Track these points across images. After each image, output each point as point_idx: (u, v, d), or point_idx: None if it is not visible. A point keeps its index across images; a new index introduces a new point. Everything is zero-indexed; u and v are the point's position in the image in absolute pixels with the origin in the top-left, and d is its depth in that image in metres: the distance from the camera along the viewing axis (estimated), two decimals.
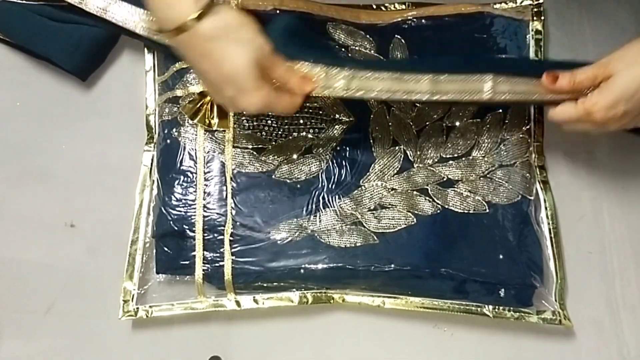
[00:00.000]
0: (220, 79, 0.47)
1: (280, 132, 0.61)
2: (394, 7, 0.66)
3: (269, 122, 0.60)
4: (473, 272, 0.57)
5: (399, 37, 0.63)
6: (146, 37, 0.60)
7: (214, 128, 0.60)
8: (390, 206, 0.59)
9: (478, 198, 0.60)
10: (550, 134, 0.64)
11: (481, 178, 0.60)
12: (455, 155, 0.61)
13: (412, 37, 0.63)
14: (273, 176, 0.60)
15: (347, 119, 0.61)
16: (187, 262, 0.58)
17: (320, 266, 0.57)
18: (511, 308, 0.57)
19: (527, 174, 0.61)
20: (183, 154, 0.60)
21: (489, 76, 0.52)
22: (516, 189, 0.60)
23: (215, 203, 0.59)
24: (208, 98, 0.60)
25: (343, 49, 0.62)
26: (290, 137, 0.61)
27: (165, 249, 0.58)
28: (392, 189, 0.60)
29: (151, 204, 0.60)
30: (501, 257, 0.58)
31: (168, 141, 0.61)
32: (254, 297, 0.57)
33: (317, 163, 0.60)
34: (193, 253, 0.58)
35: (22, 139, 0.64)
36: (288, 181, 0.60)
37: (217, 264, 0.57)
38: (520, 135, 0.62)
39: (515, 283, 0.57)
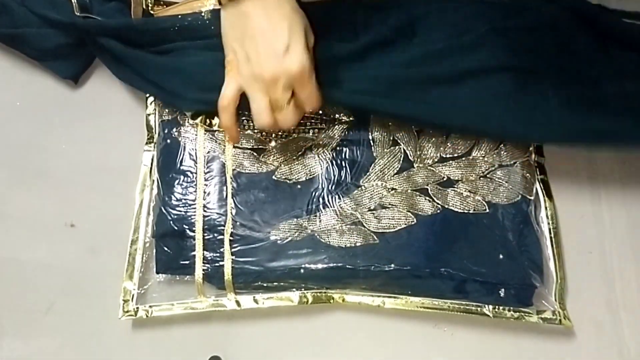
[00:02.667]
0: (275, 34, 0.49)
1: (280, 133, 0.61)
2: None
3: None
4: (473, 272, 0.57)
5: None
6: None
7: (214, 128, 0.60)
8: (390, 206, 0.59)
9: (478, 198, 0.60)
10: None
11: (481, 178, 0.60)
12: (455, 155, 0.61)
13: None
14: (273, 176, 0.60)
15: (347, 119, 0.61)
16: (187, 262, 0.58)
17: (320, 266, 0.57)
18: (511, 308, 0.57)
19: (527, 174, 0.61)
20: (183, 154, 0.60)
21: None
22: (516, 189, 0.60)
23: (215, 203, 0.59)
24: None
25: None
26: (290, 138, 0.61)
27: (165, 248, 0.58)
28: (392, 188, 0.60)
29: (151, 204, 0.60)
30: (501, 256, 0.58)
31: (168, 141, 0.61)
32: (254, 296, 0.57)
33: (317, 163, 0.60)
34: (193, 253, 0.58)
35: (22, 139, 0.64)
36: (288, 181, 0.60)
37: (217, 264, 0.57)
38: None
39: (515, 283, 0.57)
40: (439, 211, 0.59)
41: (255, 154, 0.60)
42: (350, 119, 0.61)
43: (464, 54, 0.57)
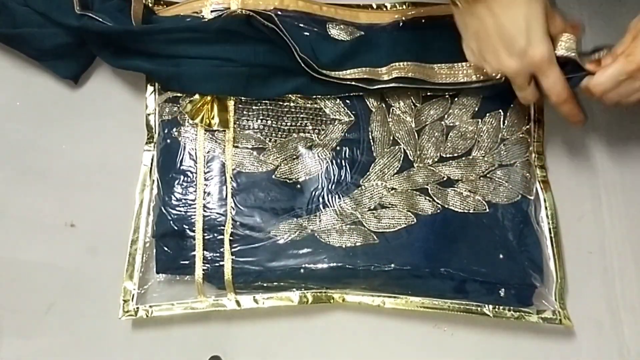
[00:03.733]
0: (513, 30, 0.49)
1: (280, 132, 0.61)
2: (394, 7, 0.66)
3: (270, 122, 0.61)
4: (473, 272, 0.57)
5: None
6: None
7: (214, 128, 0.60)
8: (390, 206, 0.59)
9: (478, 198, 0.60)
10: (550, 134, 0.64)
11: (481, 178, 0.60)
12: (455, 154, 0.61)
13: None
14: (273, 176, 0.60)
15: (347, 119, 0.61)
16: (187, 262, 0.58)
17: (320, 266, 0.57)
18: (511, 308, 0.57)
19: (527, 174, 0.61)
20: (183, 154, 0.60)
21: None
22: (516, 189, 0.60)
23: (215, 203, 0.59)
24: (208, 98, 0.60)
25: None
26: (290, 137, 0.61)
27: (165, 248, 0.58)
28: (392, 188, 0.60)
29: (151, 204, 0.60)
30: (501, 256, 0.58)
31: (168, 141, 0.61)
32: (254, 296, 0.57)
33: (317, 163, 0.60)
34: (193, 253, 0.58)
35: (22, 139, 0.64)
36: (288, 181, 0.60)
37: (217, 264, 0.57)
38: (520, 135, 0.62)
39: (515, 283, 0.57)
40: (439, 211, 0.59)
41: (255, 153, 0.60)
42: (350, 119, 0.61)
43: None
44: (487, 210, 0.59)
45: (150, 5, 0.64)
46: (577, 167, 0.64)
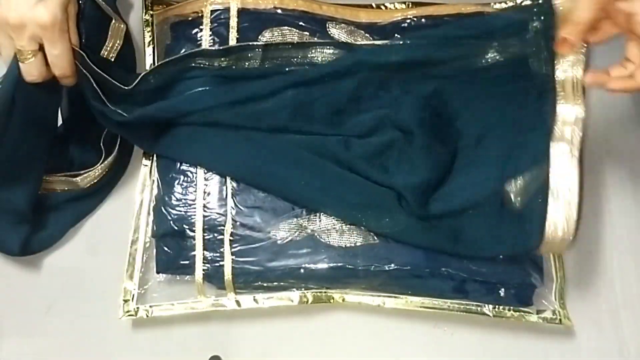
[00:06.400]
0: None
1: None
2: (394, 6, 0.66)
3: None
4: (473, 272, 0.57)
5: (398, 36, 0.63)
6: None
7: None
8: None
9: None
10: None
11: None
12: None
13: (411, 36, 0.63)
14: None
15: None
16: (187, 262, 0.58)
17: (320, 266, 0.57)
18: (511, 307, 0.57)
19: None
20: None
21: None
22: None
23: (215, 203, 0.59)
24: None
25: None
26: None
27: (166, 248, 0.58)
28: None
29: (151, 204, 0.60)
30: (501, 256, 0.58)
31: None
32: (254, 296, 0.57)
33: None
34: (193, 253, 0.58)
35: None
36: None
37: (217, 264, 0.57)
38: None
39: (515, 282, 0.57)
40: None
41: None
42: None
43: None
44: None
45: (149, 5, 0.64)
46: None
